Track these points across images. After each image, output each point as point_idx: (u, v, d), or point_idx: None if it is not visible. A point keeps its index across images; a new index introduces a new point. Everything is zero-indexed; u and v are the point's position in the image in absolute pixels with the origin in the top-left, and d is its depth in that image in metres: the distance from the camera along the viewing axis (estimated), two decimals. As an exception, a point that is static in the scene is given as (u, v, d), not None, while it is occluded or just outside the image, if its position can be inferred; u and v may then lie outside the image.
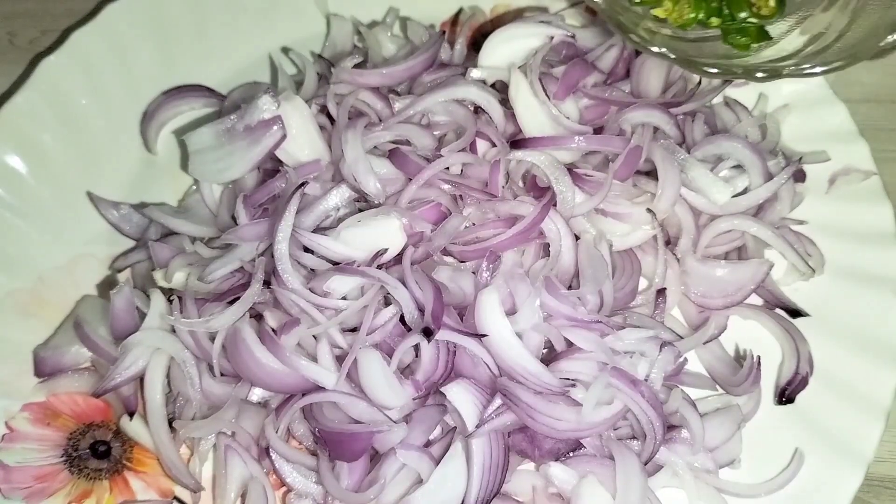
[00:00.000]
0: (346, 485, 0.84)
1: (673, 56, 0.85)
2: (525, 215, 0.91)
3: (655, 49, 0.84)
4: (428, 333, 0.82)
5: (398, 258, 0.90)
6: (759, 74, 0.85)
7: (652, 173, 0.98)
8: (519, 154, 0.95)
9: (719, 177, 1.00)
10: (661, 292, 0.96)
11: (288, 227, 0.88)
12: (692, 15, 0.85)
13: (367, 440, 0.84)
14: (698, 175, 0.98)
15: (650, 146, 0.97)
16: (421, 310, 0.85)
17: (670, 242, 1.00)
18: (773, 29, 0.91)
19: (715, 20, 0.85)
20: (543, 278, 0.88)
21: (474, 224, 0.94)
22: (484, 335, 0.84)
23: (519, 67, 0.98)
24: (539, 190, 0.96)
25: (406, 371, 0.88)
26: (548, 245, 0.93)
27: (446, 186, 0.95)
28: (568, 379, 0.84)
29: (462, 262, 0.93)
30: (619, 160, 0.95)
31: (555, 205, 0.93)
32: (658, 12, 0.84)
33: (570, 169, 0.95)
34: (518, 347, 0.83)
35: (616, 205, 0.96)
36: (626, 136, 0.99)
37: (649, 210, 0.95)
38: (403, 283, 0.86)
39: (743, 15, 0.83)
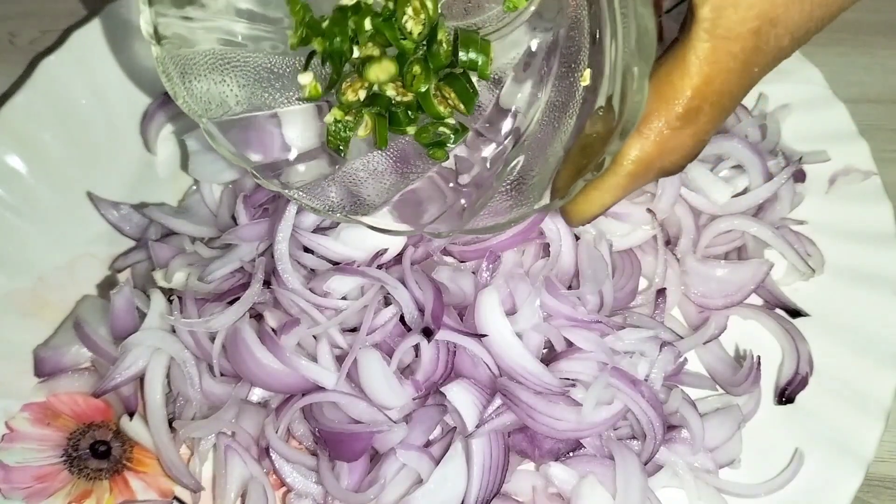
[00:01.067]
0: (346, 485, 0.84)
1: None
2: (525, 215, 0.91)
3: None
4: (428, 333, 0.82)
5: (398, 258, 0.90)
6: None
7: (652, 173, 0.98)
8: None
9: (719, 177, 1.00)
10: (661, 292, 0.96)
11: (288, 227, 0.88)
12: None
13: (367, 440, 0.84)
14: (698, 175, 0.98)
15: None
16: (421, 310, 0.85)
17: (670, 242, 1.00)
18: None
19: (411, 128, 0.75)
20: (543, 278, 0.88)
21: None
22: (484, 335, 0.84)
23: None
24: None
25: (406, 371, 0.88)
26: (548, 245, 0.93)
27: (446, 186, 0.95)
28: (568, 379, 0.84)
29: (462, 262, 0.93)
30: None
31: (555, 205, 0.93)
32: (362, 133, 0.77)
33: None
34: (518, 347, 0.83)
35: (616, 205, 0.95)
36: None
37: (649, 210, 0.95)
38: (403, 283, 0.86)
39: (446, 112, 0.73)
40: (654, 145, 0.68)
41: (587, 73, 0.69)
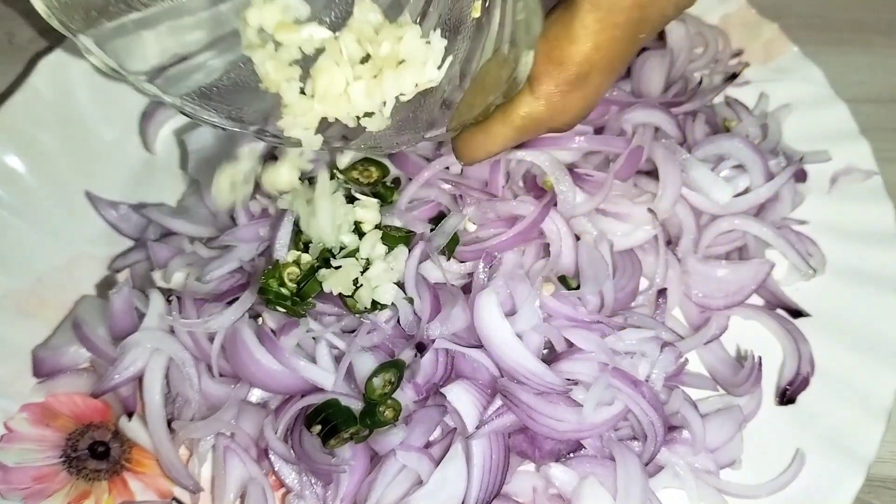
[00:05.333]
0: (346, 486, 0.84)
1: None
2: (525, 215, 0.90)
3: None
4: (421, 349, 0.83)
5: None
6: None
7: (653, 173, 0.98)
8: (520, 154, 0.95)
9: (720, 177, 1.00)
10: (661, 292, 0.96)
11: (288, 229, 0.87)
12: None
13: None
14: (699, 175, 0.98)
15: (651, 146, 0.97)
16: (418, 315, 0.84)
17: (671, 242, 1.00)
18: None
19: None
20: (542, 278, 0.87)
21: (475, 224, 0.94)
22: (480, 346, 0.83)
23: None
24: (539, 190, 0.96)
25: (406, 373, 0.87)
26: (548, 245, 0.93)
27: (446, 186, 0.94)
28: (570, 379, 0.84)
29: (462, 262, 0.92)
30: (620, 160, 0.95)
31: (555, 205, 0.93)
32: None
33: (571, 169, 0.95)
34: (519, 348, 0.83)
35: (617, 204, 0.95)
36: (626, 136, 0.98)
37: (650, 210, 0.95)
38: (403, 288, 0.85)
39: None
40: (545, 106, 0.72)
41: (478, 4, 0.71)
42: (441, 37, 0.70)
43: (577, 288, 0.89)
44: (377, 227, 0.86)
